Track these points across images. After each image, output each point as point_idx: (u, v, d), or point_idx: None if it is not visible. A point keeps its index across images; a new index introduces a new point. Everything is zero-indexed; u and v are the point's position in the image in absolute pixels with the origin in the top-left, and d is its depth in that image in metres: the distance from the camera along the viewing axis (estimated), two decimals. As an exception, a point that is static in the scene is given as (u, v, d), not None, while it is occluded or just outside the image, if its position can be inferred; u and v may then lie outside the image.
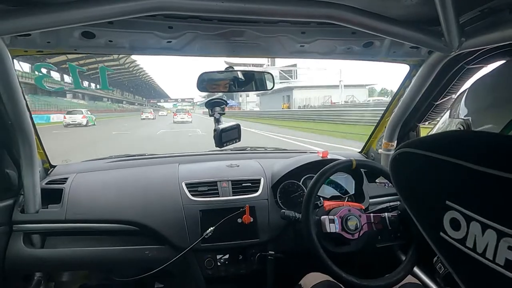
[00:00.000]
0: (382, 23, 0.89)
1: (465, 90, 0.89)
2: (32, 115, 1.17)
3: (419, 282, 1.17)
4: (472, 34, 0.88)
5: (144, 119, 29.53)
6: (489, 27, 0.85)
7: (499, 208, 0.37)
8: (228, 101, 1.32)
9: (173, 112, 29.41)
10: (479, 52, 1.09)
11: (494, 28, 0.84)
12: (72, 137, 13.04)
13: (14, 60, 1.01)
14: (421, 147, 0.45)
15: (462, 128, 0.80)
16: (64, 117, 20.03)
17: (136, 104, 76.71)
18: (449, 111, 0.94)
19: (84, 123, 19.66)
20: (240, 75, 1.25)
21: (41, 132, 1.32)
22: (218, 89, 1.25)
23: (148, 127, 19.01)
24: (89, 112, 22.53)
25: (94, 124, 20.70)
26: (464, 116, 0.81)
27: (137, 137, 12.58)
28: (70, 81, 32.72)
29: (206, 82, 1.22)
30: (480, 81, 0.86)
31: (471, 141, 0.42)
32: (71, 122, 19.39)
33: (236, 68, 1.24)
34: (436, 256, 1.09)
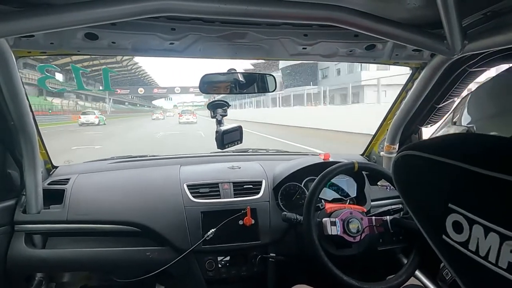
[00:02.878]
0: (384, 26, 0.89)
1: (467, 96, 0.88)
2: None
3: (421, 284, 1.16)
4: (474, 37, 0.88)
5: (154, 119, 33.46)
6: (492, 30, 0.85)
7: (502, 211, 0.37)
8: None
9: (179, 113, 31.62)
10: (482, 55, 1.08)
11: (497, 31, 0.83)
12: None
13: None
14: (423, 149, 0.45)
15: None
16: (79, 117, 21.50)
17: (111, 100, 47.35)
18: (451, 117, 0.93)
19: (96, 122, 21.20)
20: (242, 77, 1.25)
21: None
22: (220, 91, 1.26)
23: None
24: (100, 113, 24.48)
25: (104, 124, 22.20)
26: (468, 124, 0.80)
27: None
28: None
29: (208, 84, 1.23)
30: (483, 87, 0.85)
31: (474, 144, 0.42)
32: (85, 122, 20.89)
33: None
34: (442, 263, 1.08)
